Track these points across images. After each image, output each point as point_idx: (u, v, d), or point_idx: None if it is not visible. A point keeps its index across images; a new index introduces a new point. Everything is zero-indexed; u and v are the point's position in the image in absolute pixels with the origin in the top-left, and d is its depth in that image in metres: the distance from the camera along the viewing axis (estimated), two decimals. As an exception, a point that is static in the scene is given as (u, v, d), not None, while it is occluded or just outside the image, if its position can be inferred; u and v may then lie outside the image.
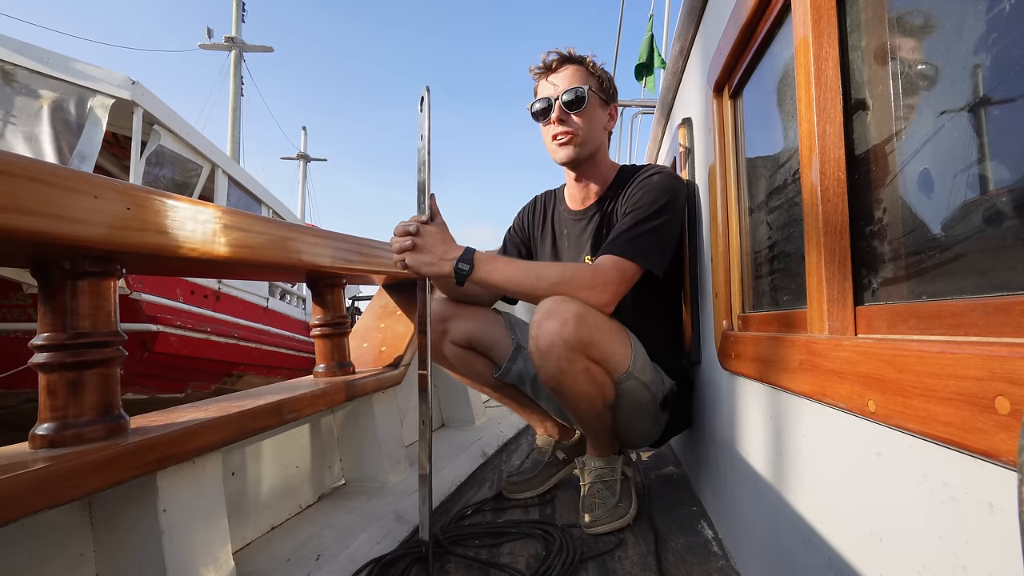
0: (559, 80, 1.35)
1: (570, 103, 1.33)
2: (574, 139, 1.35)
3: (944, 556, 0.41)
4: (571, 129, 1.34)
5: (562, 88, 1.34)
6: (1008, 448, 0.33)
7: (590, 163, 1.39)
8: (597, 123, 1.38)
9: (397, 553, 1.10)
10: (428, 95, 1.08)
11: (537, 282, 1.16)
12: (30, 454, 0.70)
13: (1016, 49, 0.38)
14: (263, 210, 6.87)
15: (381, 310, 1.83)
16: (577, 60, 1.36)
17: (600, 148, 1.40)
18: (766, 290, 0.94)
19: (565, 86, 1.34)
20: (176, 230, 0.84)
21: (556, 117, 1.34)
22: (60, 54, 4.09)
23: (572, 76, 1.35)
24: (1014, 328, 0.37)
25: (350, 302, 11.79)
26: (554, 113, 1.34)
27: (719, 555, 1.07)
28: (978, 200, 0.43)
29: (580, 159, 1.37)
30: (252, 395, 1.14)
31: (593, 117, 1.36)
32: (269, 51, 13.35)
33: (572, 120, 1.34)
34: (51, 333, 0.74)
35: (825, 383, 0.58)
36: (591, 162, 1.39)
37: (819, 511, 0.64)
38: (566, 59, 1.36)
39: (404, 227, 1.14)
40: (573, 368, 1.13)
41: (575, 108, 1.33)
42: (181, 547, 0.81)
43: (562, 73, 1.35)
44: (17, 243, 0.68)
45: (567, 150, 1.36)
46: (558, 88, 1.34)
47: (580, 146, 1.35)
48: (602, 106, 1.38)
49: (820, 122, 0.62)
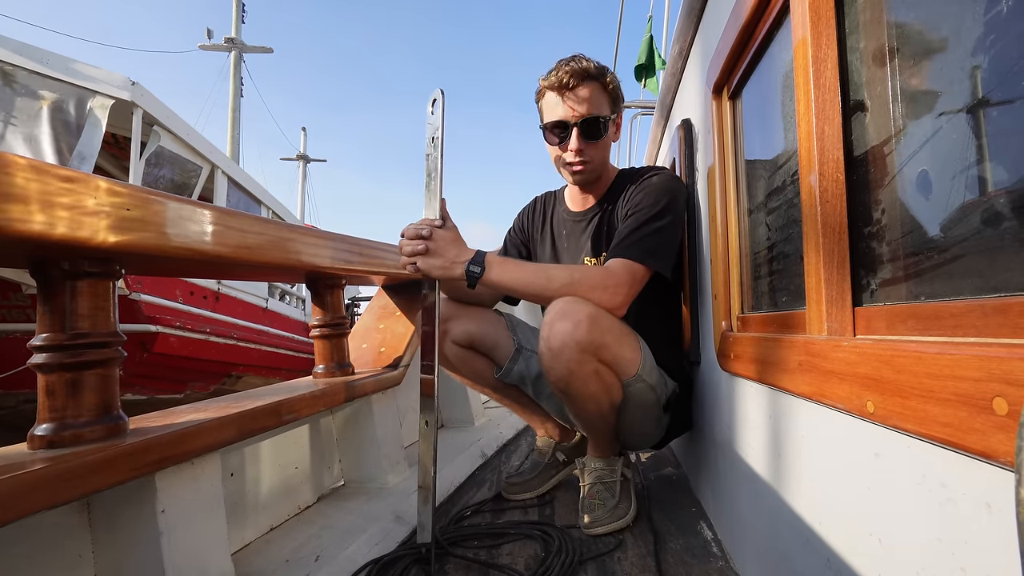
0: (577, 102, 1.26)
1: (590, 132, 1.28)
2: (588, 167, 1.32)
3: (942, 556, 0.41)
4: (587, 159, 1.31)
5: (581, 113, 1.26)
6: (1006, 449, 0.33)
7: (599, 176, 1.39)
8: (608, 144, 1.35)
9: (396, 554, 1.10)
10: (442, 98, 1.07)
11: (547, 283, 1.15)
12: (29, 455, 0.70)
13: (1014, 51, 0.38)
14: (263, 211, 6.87)
15: (380, 311, 1.83)
16: (595, 76, 1.27)
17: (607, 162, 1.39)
18: (765, 291, 0.94)
19: (585, 111, 1.26)
20: (175, 231, 0.84)
21: (575, 148, 1.28)
22: (60, 55, 4.09)
23: (592, 99, 1.26)
24: (1012, 329, 0.37)
25: (349, 302, 11.78)
26: (572, 142, 1.28)
27: (718, 556, 1.07)
28: (976, 201, 0.43)
29: (590, 181, 1.38)
30: (251, 396, 1.14)
31: (608, 141, 1.33)
32: (269, 52, 13.36)
33: (588, 150, 1.30)
34: (50, 334, 0.74)
35: (824, 384, 0.58)
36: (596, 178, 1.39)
37: (818, 512, 0.64)
38: (585, 76, 1.26)
39: (416, 230, 1.11)
40: (583, 370, 1.12)
41: (594, 137, 1.29)
42: (180, 548, 0.81)
43: (581, 93, 1.26)
44: (16, 243, 0.68)
45: (581, 177, 1.35)
46: (576, 111, 1.26)
47: (594, 171, 1.34)
48: (614, 124, 1.35)
49: (819, 123, 0.63)
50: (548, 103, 1.31)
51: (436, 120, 1.08)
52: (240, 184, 6.24)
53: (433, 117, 1.08)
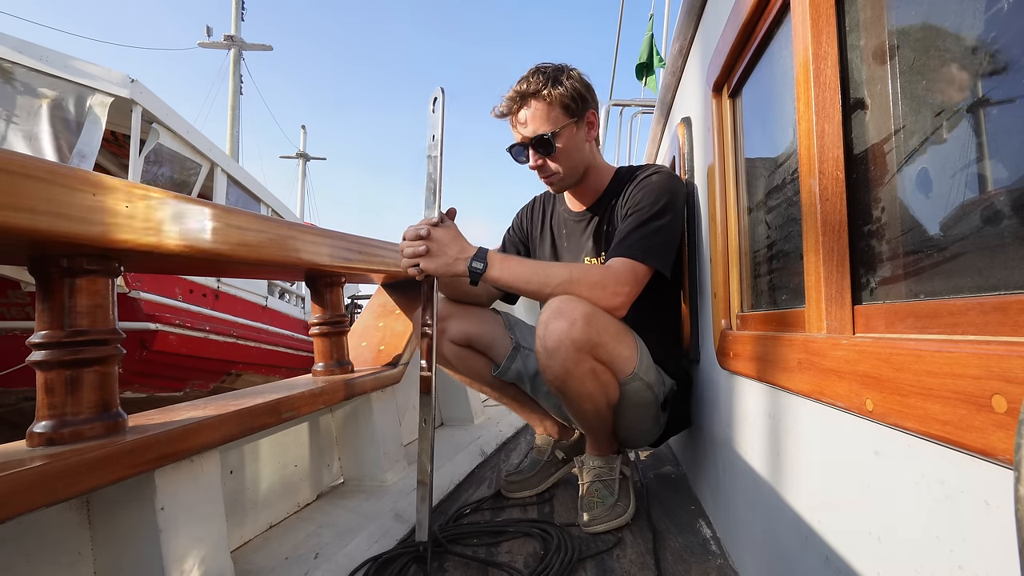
0: (522, 124, 1.30)
1: (541, 149, 1.30)
2: (556, 177, 1.35)
3: (941, 554, 0.41)
4: (552, 171, 1.34)
5: (528, 135, 1.29)
6: (1005, 446, 0.33)
7: (583, 178, 1.39)
8: (575, 149, 1.33)
9: (395, 552, 1.10)
10: (443, 96, 1.07)
11: (548, 281, 1.15)
12: (28, 452, 0.70)
13: (1014, 49, 0.38)
14: (262, 208, 6.86)
15: (380, 309, 1.83)
16: (533, 93, 1.27)
17: (589, 163, 1.37)
18: (765, 289, 0.94)
19: (531, 130, 1.29)
20: (174, 228, 0.84)
21: (533, 165, 1.33)
22: (59, 52, 4.08)
23: (535, 116, 1.28)
24: (1011, 327, 0.37)
25: (349, 301, 11.78)
26: (531, 160, 1.33)
27: (717, 554, 1.07)
28: (975, 200, 0.43)
29: (570, 186, 1.40)
30: (251, 394, 1.14)
31: (569, 148, 1.32)
32: (268, 50, 13.36)
33: (548, 164, 1.33)
34: (49, 331, 0.74)
35: (823, 382, 0.58)
36: (584, 176, 1.39)
37: (817, 510, 0.65)
38: (523, 97, 1.29)
39: (415, 231, 1.13)
40: (579, 369, 1.12)
41: (547, 152, 1.31)
42: (179, 545, 0.81)
43: (522, 116, 1.30)
44: (15, 241, 0.68)
45: (555, 188, 1.40)
46: (523, 134, 1.30)
47: (564, 180, 1.36)
48: (576, 126, 1.31)
49: (819, 121, 0.63)
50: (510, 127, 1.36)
51: (436, 119, 1.07)
52: (239, 182, 6.24)
53: (434, 116, 1.08)
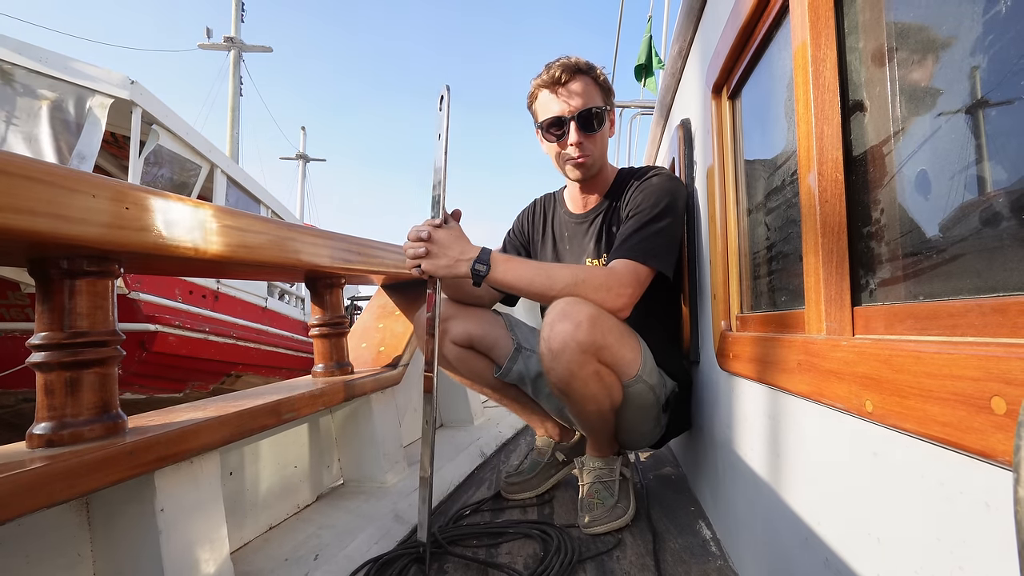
0: (571, 96, 1.26)
1: (586, 124, 1.28)
2: (588, 160, 1.33)
3: (941, 556, 0.41)
4: (587, 152, 1.31)
5: (576, 106, 1.26)
6: (1004, 448, 0.33)
7: (599, 171, 1.39)
8: (606, 139, 1.36)
9: (395, 553, 1.10)
10: (448, 94, 1.07)
11: (551, 283, 1.15)
12: (27, 453, 0.70)
13: (1014, 51, 0.38)
14: (262, 210, 6.86)
15: (380, 310, 1.83)
16: (585, 71, 1.28)
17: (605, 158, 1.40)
18: (764, 291, 0.94)
19: (579, 104, 1.26)
20: (174, 230, 0.84)
21: (575, 141, 1.28)
22: (59, 54, 4.08)
23: (585, 92, 1.27)
24: (1010, 329, 0.37)
25: (348, 302, 11.77)
26: (571, 136, 1.28)
27: (717, 555, 1.07)
28: (975, 201, 0.43)
29: (592, 176, 1.38)
30: (250, 395, 1.14)
31: (606, 133, 1.34)
32: (268, 51, 13.35)
33: (588, 144, 1.30)
34: (49, 332, 0.74)
35: (823, 383, 0.58)
36: (599, 171, 1.39)
37: (817, 511, 0.65)
38: (576, 70, 1.27)
39: (417, 232, 1.13)
40: (583, 371, 1.12)
41: (591, 130, 1.29)
42: (179, 547, 0.81)
43: (573, 87, 1.26)
44: (15, 242, 0.68)
45: (581, 172, 1.35)
46: (571, 105, 1.26)
47: (592, 166, 1.35)
48: (608, 117, 1.35)
49: (818, 123, 0.63)
50: (542, 102, 1.32)
51: (442, 117, 1.07)
52: (239, 183, 6.24)
53: (440, 114, 1.08)
